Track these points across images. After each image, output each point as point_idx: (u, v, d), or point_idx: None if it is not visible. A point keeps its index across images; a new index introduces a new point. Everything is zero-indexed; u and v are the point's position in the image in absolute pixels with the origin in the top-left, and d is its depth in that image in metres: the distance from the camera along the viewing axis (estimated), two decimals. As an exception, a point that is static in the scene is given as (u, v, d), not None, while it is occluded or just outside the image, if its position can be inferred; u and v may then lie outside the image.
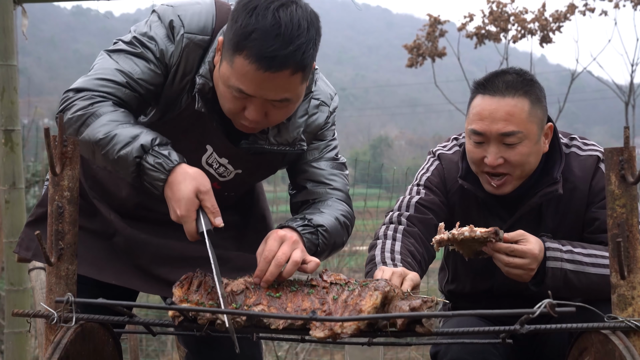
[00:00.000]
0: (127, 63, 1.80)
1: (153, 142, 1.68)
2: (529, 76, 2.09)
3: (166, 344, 6.39)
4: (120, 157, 1.68)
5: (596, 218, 2.10)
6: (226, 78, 1.72)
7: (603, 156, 2.13)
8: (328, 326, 1.50)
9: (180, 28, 1.81)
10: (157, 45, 1.81)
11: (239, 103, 1.74)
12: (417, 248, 2.11)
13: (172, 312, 1.56)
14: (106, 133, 1.69)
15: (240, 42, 1.65)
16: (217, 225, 1.66)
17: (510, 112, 2.02)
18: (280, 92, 1.71)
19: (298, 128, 1.92)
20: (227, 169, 1.94)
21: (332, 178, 2.03)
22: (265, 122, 1.79)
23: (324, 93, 2.00)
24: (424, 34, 9.90)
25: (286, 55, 1.64)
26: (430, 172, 2.28)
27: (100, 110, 1.73)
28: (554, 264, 1.95)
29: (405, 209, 2.21)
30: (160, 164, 1.66)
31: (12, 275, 3.72)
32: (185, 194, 1.64)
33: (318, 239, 1.84)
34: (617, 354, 1.39)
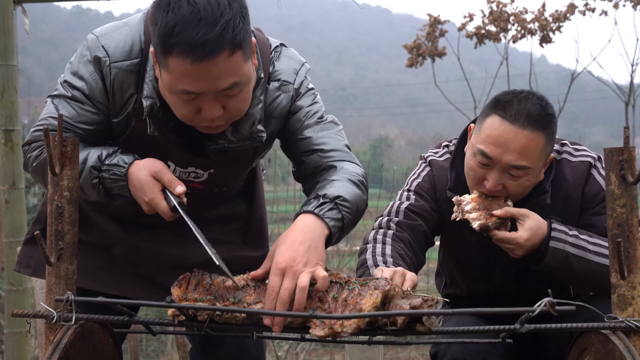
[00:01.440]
0: (65, 108, 1.82)
1: (100, 159, 1.74)
2: (550, 110, 2.02)
3: (166, 344, 6.40)
4: (81, 185, 1.74)
5: (591, 225, 2.09)
6: (169, 85, 1.64)
7: (594, 161, 2.14)
8: (328, 325, 1.49)
9: (106, 59, 1.77)
10: (86, 83, 1.80)
11: (191, 106, 1.67)
12: (407, 252, 2.10)
13: (172, 311, 1.57)
14: None
15: (166, 42, 1.58)
16: (179, 193, 1.68)
17: (525, 146, 1.97)
18: (225, 79, 1.62)
19: (253, 119, 1.81)
20: (198, 173, 1.91)
21: (322, 142, 1.91)
22: (227, 116, 1.71)
23: (285, 71, 1.89)
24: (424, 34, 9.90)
25: (216, 38, 1.56)
26: (421, 178, 2.27)
27: None
28: (557, 244, 1.96)
29: (394, 214, 2.20)
30: (114, 173, 1.73)
31: (12, 275, 3.72)
32: (143, 180, 1.70)
33: (340, 212, 1.72)
34: (617, 354, 1.39)
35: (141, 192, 1.70)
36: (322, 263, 1.60)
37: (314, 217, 1.67)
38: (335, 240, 1.74)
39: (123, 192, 1.74)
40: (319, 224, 1.67)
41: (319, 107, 1.94)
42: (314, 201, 1.72)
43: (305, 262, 1.57)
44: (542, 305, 1.35)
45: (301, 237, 1.62)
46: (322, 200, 1.71)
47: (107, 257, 2.00)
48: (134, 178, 1.71)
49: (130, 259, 1.99)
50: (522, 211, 1.98)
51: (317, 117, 1.92)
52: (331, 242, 1.73)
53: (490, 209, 2.00)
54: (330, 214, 1.69)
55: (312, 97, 1.94)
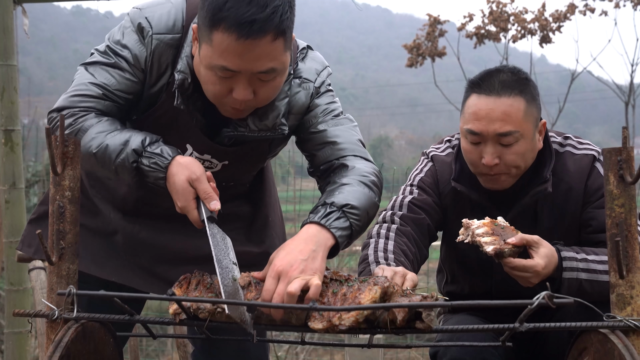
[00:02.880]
0: (103, 75, 1.83)
1: (144, 144, 1.74)
2: (524, 74, 2.09)
3: (166, 344, 6.39)
4: (117, 166, 1.75)
5: (593, 218, 2.10)
6: (208, 59, 1.68)
7: (598, 155, 2.15)
8: (327, 318, 1.50)
9: (149, 30, 1.81)
10: (130, 52, 1.82)
11: (225, 84, 1.70)
12: (410, 247, 2.12)
13: (173, 310, 1.57)
14: (98, 146, 1.76)
15: (215, 16, 1.62)
16: (213, 209, 1.69)
17: (506, 112, 2.02)
18: (265, 62, 1.66)
19: (278, 111, 1.85)
20: (212, 162, 1.93)
21: (335, 134, 1.93)
22: (255, 101, 1.74)
23: (307, 70, 1.94)
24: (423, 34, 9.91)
25: (264, 19, 1.60)
26: (424, 173, 2.28)
27: (85, 124, 1.78)
28: (570, 274, 1.95)
29: (398, 208, 2.22)
30: (155, 163, 1.72)
31: (12, 275, 3.73)
32: (179, 185, 1.69)
33: (348, 220, 1.72)
34: (617, 354, 1.40)
35: (175, 196, 1.71)
36: (319, 274, 1.60)
37: (319, 228, 1.69)
38: (343, 247, 1.75)
39: (159, 184, 1.74)
40: (323, 235, 1.68)
41: (336, 106, 1.98)
42: (321, 209, 1.73)
43: (301, 270, 1.58)
44: (541, 298, 1.35)
45: (302, 247, 1.63)
46: (329, 210, 1.72)
47: (108, 244, 2.01)
48: (173, 177, 1.71)
49: (130, 248, 2.00)
50: (536, 238, 1.94)
51: (333, 114, 1.96)
52: (338, 251, 1.74)
53: (504, 236, 1.94)
54: (337, 224, 1.70)
55: (331, 97, 1.98)
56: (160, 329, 5.41)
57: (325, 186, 1.88)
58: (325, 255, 1.66)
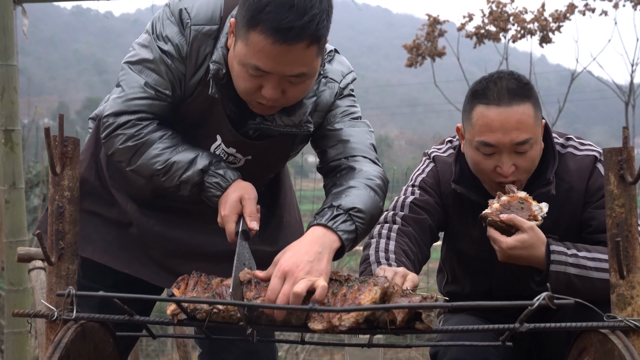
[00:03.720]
0: (150, 75, 1.85)
1: (210, 164, 1.83)
2: (525, 79, 2.08)
3: (166, 343, 6.39)
4: (182, 182, 1.84)
5: (593, 218, 2.10)
6: (242, 56, 1.71)
7: (600, 156, 2.15)
8: (327, 318, 1.50)
9: (188, 20, 1.82)
10: (172, 44, 1.84)
11: (255, 82, 1.73)
12: (411, 247, 2.12)
13: (171, 310, 1.57)
14: (164, 163, 1.84)
15: (254, 17, 1.65)
16: (252, 228, 1.75)
17: (520, 120, 2.00)
18: (296, 66, 1.69)
19: (305, 109, 1.88)
20: (236, 157, 1.95)
21: (351, 134, 1.96)
22: (283, 100, 1.77)
23: (334, 71, 1.98)
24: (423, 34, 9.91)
25: (302, 27, 1.63)
26: (426, 174, 2.28)
27: (150, 139, 1.84)
28: (558, 267, 1.95)
29: (399, 208, 2.22)
30: (218, 183, 1.82)
31: (12, 275, 3.73)
32: (231, 198, 1.79)
33: (354, 223, 1.74)
34: (617, 354, 1.40)
35: (222, 206, 1.79)
36: (325, 275, 1.60)
37: (325, 230, 1.70)
38: (347, 249, 1.76)
39: (212, 200, 1.83)
40: (329, 237, 1.69)
41: (355, 110, 2.02)
42: (327, 212, 1.74)
43: (307, 271, 1.59)
44: (541, 299, 1.35)
45: (308, 248, 1.64)
46: (336, 212, 1.73)
47: (123, 236, 2.02)
48: (228, 193, 1.81)
49: (144, 241, 2.00)
50: (525, 224, 1.96)
51: (352, 116, 1.99)
52: (344, 253, 1.75)
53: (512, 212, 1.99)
54: (344, 226, 1.72)
55: (352, 101, 2.02)
56: (160, 329, 5.41)
57: (331, 186, 1.89)
58: (331, 257, 1.67)
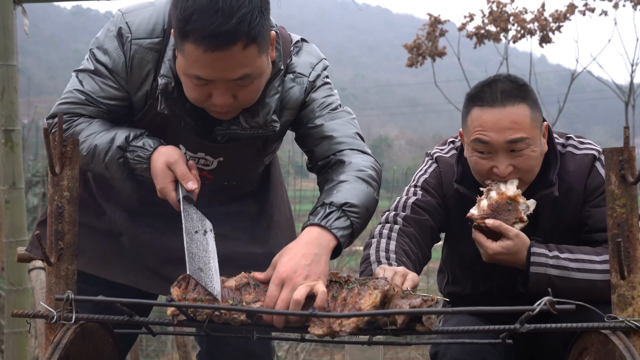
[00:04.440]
0: (89, 82, 1.87)
1: (127, 139, 1.81)
2: (522, 81, 2.09)
3: (166, 344, 6.40)
4: (107, 164, 1.83)
5: (589, 217, 2.10)
6: (183, 68, 1.69)
7: (599, 155, 2.15)
8: (327, 324, 1.49)
9: (128, 34, 1.81)
10: (110, 58, 1.84)
11: (202, 91, 1.70)
12: (412, 248, 2.11)
13: (171, 311, 1.57)
14: (88, 148, 1.84)
15: (182, 28, 1.62)
16: (190, 189, 1.74)
17: (514, 120, 2.01)
18: (237, 70, 1.65)
19: (269, 108, 1.83)
20: (207, 160, 1.93)
21: (333, 128, 1.91)
22: (237, 104, 1.74)
23: (302, 64, 1.92)
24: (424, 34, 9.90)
25: (231, 30, 1.58)
26: (428, 174, 2.28)
27: (76, 129, 1.86)
28: (538, 269, 1.98)
29: (401, 209, 2.21)
30: (139, 156, 1.80)
31: (12, 275, 3.72)
32: (158, 168, 1.77)
33: (348, 218, 1.71)
34: (617, 354, 1.39)
35: (155, 180, 1.78)
36: (323, 278, 1.59)
37: (320, 229, 1.68)
38: (345, 246, 1.74)
39: (145, 174, 1.81)
40: (325, 236, 1.67)
41: (333, 100, 1.96)
42: (320, 210, 1.71)
43: (305, 275, 1.57)
44: (542, 304, 1.35)
45: (305, 250, 1.62)
46: (328, 210, 1.71)
47: (114, 246, 2.02)
48: (154, 164, 1.78)
49: (135, 250, 2.00)
50: (511, 232, 1.98)
51: (330, 108, 1.94)
52: (341, 251, 1.73)
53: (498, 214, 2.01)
54: (338, 223, 1.69)
55: (328, 90, 1.96)
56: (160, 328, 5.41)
57: (323, 184, 1.87)
58: (329, 258, 1.65)
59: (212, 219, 1.79)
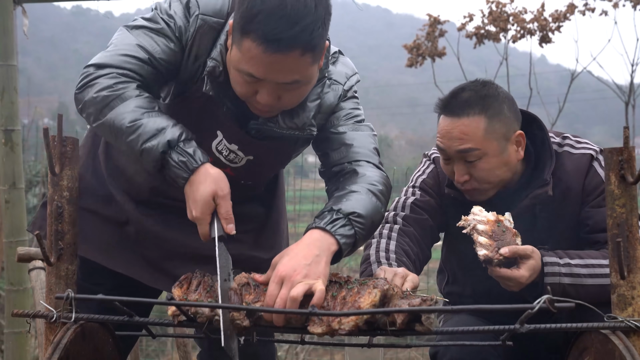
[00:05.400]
0: (147, 40, 1.80)
1: (179, 138, 1.68)
2: (486, 91, 2.10)
3: (166, 344, 6.39)
4: (145, 149, 1.68)
5: (589, 217, 2.10)
6: (236, 62, 1.70)
7: (596, 154, 2.15)
8: (326, 322, 1.50)
9: (196, 8, 1.80)
10: (176, 22, 1.81)
11: (250, 87, 1.72)
12: (412, 247, 2.12)
13: (172, 311, 1.57)
14: (132, 121, 1.68)
15: (246, 25, 1.64)
16: (229, 232, 1.68)
17: (464, 132, 2.07)
18: (289, 74, 1.68)
19: (309, 112, 1.87)
20: (238, 155, 1.91)
21: (354, 138, 1.95)
22: (279, 105, 1.77)
23: (338, 73, 1.97)
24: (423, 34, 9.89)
25: (293, 36, 1.61)
26: (426, 175, 2.30)
27: (125, 93, 1.71)
28: (552, 279, 1.96)
29: (400, 209, 2.23)
30: (184, 162, 1.67)
31: (12, 275, 3.73)
32: (202, 196, 1.65)
33: (353, 227, 1.72)
34: (617, 354, 1.39)
35: (193, 204, 1.67)
36: (323, 279, 1.60)
37: (323, 233, 1.69)
38: (346, 254, 1.75)
39: (177, 182, 1.69)
40: (327, 240, 1.68)
41: (359, 113, 2.01)
42: (327, 215, 1.73)
43: (305, 274, 1.58)
44: (542, 302, 1.35)
45: (306, 251, 1.64)
46: (335, 216, 1.72)
47: (119, 234, 1.99)
48: (198, 184, 1.67)
49: (140, 241, 1.98)
50: (529, 250, 1.93)
51: (355, 119, 1.98)
52: (341, 257, 1.74)
53: (501, 240, 1.93)
54: (342, 231, 1.71)
55: (356, 103, 2.01)
56: (160, 329, 5.41)
57: (334, 191, 1.88)
58: (329, 261, 1.66)
59: None
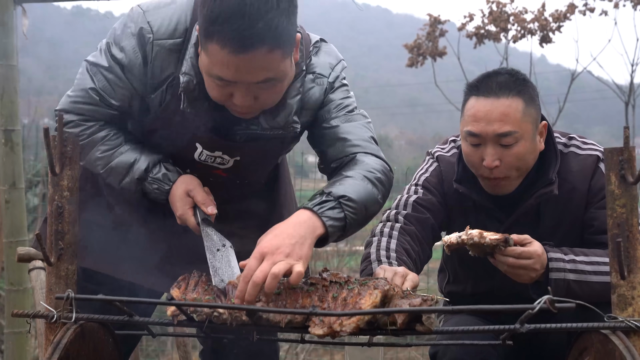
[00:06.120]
0: (100, 80, 1.85)
1: (147, 170, 1.84)
2: (522, 76, 2.11)
3: (166, 343, 6.39)
4: (122, 187, 1.89)
5: (595, 218, 2.10)
6: (206, 67, 1.68)
7: (603, 155, 2.14)
8: (327, 323, 1.49)
9: (150, 35, 1.79)
10: (126, 55, 1.81)
11: (224, 91, 1.70)
12: (413, 246, 2.12)
13: (171, 311, 1.57)
14: (104, 167, 1.88)
15: (208, 29, 1.62)
16: (209, 213, 1.78)
17: (505, 113, 2.03)
18: (260, 73, 1.65)
19: (290, 110, 1.83)
20: (224, 159, 1.92)
21: (349, 131, 1.91)
22: (258, 105, 1.74)
23: (321, 65, 1.92)
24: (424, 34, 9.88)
25: (257, 34, 1.58)
26: (429, 173, 2.29)
27: (93, 139, 1.87)
28: (557, 274, 1.95)
29: (402, 207, 2.22)
30: (158, 188, 1.86)
31: (12, 275, 3.72)
32: (178, 196, 1.83)
33: (343, 211, 1.70)
34: (617, 354, 1.39)
35: (174, 207, 1.84)
36: (304, 260, 1.58)
37: (311, 214, 1.67)
38: (336, 239, 1.73)
39: (160, 201, 1.88)
40: (313, 222, 1.65)
41: (350, 102, 1.96)
42: (317, 197, 1.71)
43: (287, 254, 1.57)
44: (542, 302, 1.35)
45: (291, 230, 1.62)
46: (325, 198, 1.70)
47: (120, 242, 2.01)
48: (173, 193, 1.84)
49: (141, 246, 1.99)
50: (525, 235, 1.94)
51: (347, 110, 1.94)
52: (328, 241, 1.72)
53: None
54: (331, 213, 1.68)
55: (345, 92, 1.96)
56: (160, 328, 5.41)
57: (330, 179, 1.88)
58: (313, 243, 1.65)
59: (222, 216, 1.81)
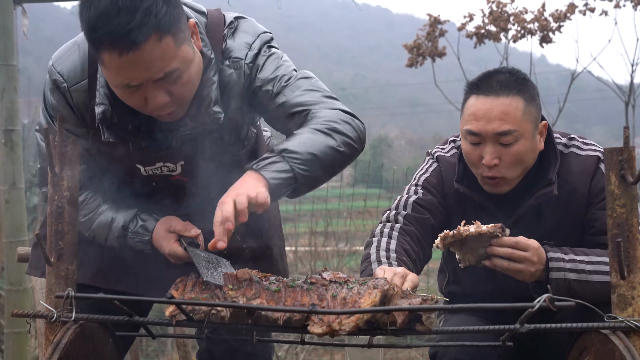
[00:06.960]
0: None
1: (125, 228, 1.88)
2: (522, 75, 2.11)
3: (166, 344, 6.39)
4: (108, 244, 1.93)
5: (596, 219, 2.09)
6: (110, 80, 1.65)
7: (603, 156, 2.14)
8: (326, 322, 1.49)
9: (64, 85, 1.80)
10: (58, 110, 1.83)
11: (137, 96, 1.66)
12: (413, 247, 2.12)
13: (169, 312, 1.57)
14: (87, 230, 1.92)
15: (93, 38, 1.58)
16: (193, 235, 1.80)
17: (505, 111, 2.03)
18: (160, 66, 1.60)
19: (208, 101, 1.77)
20: (169, 167, 1.89)
21: (297, 102, 1.80)
22: (175, 101, 1.69)
23: (237, 47, 1.82)
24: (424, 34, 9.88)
25: (137, 26, 1.53)
26: (429, 173, 2.29)
27: None
28: (557, 274, 1.94)
29: (402, 207, 2.22)
30: (139, 241, 1.88)
31: (12, 275, 3.73)
32: (160, 238, 1.84)
33: (287, 163, 1.66)
34: (617, 354, 1.39)
35: (161, 249, 1.85)
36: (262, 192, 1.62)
37: (252, 172, 1.67)
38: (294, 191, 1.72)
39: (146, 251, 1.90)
40: (255, 178, 1.65)
41: (284, 70, 1.85)
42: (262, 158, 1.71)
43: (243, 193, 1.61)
44: (542, 301, 1.35)
45: (238, 184, 1.65)
46: (265, 156, 1.70)
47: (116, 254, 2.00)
48: (155, 237, 1.86)
49: (137, 256, 1.98)
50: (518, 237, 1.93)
51: (284, 80, 1.83)
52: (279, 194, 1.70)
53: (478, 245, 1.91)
54: (273, 167, 1.67)
55: (275, 62, 1.85)
56: (160, 329, 5.41)
57: None
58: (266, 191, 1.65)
59: (209, 217, 1.78)
